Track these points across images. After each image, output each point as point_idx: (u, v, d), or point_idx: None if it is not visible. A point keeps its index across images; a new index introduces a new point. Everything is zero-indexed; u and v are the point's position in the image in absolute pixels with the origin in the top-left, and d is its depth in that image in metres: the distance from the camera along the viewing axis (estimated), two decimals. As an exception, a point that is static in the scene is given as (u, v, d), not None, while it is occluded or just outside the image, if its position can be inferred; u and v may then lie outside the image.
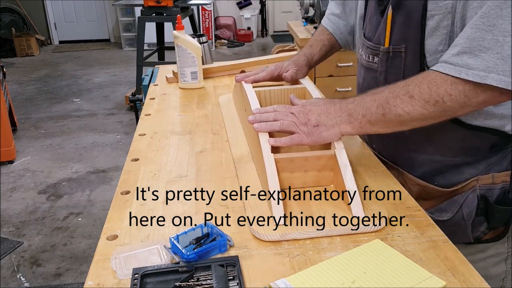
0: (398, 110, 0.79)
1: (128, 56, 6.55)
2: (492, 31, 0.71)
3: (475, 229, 0.95)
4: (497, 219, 0.92)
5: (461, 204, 0.94)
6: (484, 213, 0.92)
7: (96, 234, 2.53)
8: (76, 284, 2.19)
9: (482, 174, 0.92)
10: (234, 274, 0.68)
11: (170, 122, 1.27)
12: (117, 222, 0.82)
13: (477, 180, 0.92)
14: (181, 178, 0.96)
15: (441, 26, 0.83)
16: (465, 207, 0.93)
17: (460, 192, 0.94)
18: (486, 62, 0.71)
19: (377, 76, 0.98)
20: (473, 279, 0.67)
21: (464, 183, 0.93)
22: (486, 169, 0.92)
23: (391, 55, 0.93)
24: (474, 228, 0.94)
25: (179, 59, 1.52)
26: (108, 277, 0.69)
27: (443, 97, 0.76)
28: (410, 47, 0.89)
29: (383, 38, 0.94)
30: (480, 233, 0.95)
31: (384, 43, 0.94)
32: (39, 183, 3.14)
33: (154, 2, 3.94)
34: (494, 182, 0.92)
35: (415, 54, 0.88)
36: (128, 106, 4.45)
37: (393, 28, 0.92)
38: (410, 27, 0.87)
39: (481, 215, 0.93)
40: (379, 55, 0.96)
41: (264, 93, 1.09)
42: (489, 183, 0.92)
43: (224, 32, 7.17)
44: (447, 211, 0.95)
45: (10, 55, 6.57)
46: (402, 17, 0.89)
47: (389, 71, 0.95)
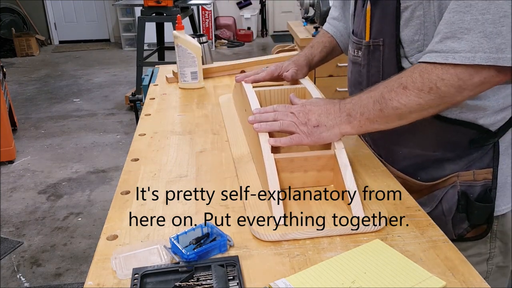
0: (394, 103, 0.79)
1: (128, 56, 6.56)
2: (470, 12, 0.71)
3: (456, 226, 0.95)
4: (477, 216, 0.92)
5: (440, 199, 0.94)
6: (465, 210, 0.93)
7: (96, 234, 2.53)
8: (76, 284, 2.19)
9: (463, 170, 0.92)
10: (234, 274, 0.68)
11: (170, 122, 1.27)
12: (117, 222, 0.82)
13: (458, 176, 0.92)
14: (181, 178, 0.96)
15: (415, 16, 0.84)
16: (445, 202, 0.94)
17: (440, 187, 0.95)
18: (470, 43, 0.71)
19: (361, 69, 1.00)
20: (473, 279, 0.66)
21: (444, 178, 0.94)
22: (467, 166, 0.92)
23: (371, 49, 0.95)
24: (456, 225, 0.95)
25: (179, 59, 1.52)
26: (108, 277, 0.69)
27: (436, 83, 0.75)
28: (387, 40, 0.91)
29: (364, 32, 0.97)
30: (462, 230, 0.95)
31: (365, 37, 0.97)
32: (39, 183, 3.14)
33: (154, 2, 3.94)
34: (475, 179, 0.92)
35: (391, 45, 0.90)
36: (128, 106, 4.45)
37: (372, 23, 0.94)
38: (386, 21, 0.89)
39: (462, 212, 0.93)
40: (362, 49, 0.98)
41: (264, 93, 1.09)
42: (470, 179, 0.92)
43: (224, 32, 7.17)
44: (427, 205, 0.95)
45: (10, 55, 6.57)
46: (379, 11, 0.91)
47: (370, 64, 0.97)
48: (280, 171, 0.85)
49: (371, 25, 0.95)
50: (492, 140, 0.91)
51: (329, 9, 3.24)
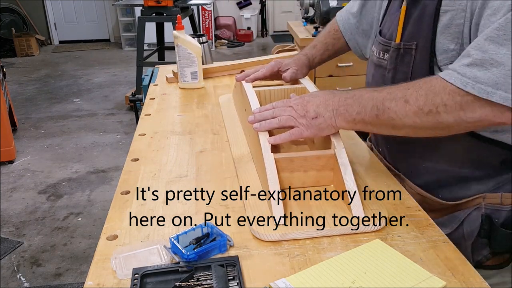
0: (391, 113, 0.77)
1: (128, 56, 6.55)
2: (507, 45, 0.67)
3: (476, 252, 0.89)
4: (500, 243, 0.86)
5: (462, 221, 0.88)
6: (487, 235, 0.86)
7: (96, 234, 2.53)
8: (76, 284, 2.19)
9: (490, 192, 0.86)
10: (234, 274, 0.68)
11: (170, 122, 1.27)
12: (117, 222, 0.82)
13: (484, 197, 0.86)
14: (181, 178, 0.96)
15: (454, 24, 0.79)
16: (467, 224, 0.88)
17: (463, 208, 0.89)
18: (495, 77, 0.68)
19: (386, 73, 0.95)
20: (473, 279, 0.66)
21: (468, 199, 0.88)
22: (495, 187, 0.87)
23: (401, 52, 0.90)
24: (475, 250, 0.88)
25: (179, 59, 1.52)
26: (108, 277, 0.69)
27: (437, 107, 0.72)
28: (421, 44, 0.86)
29: (395, 34, 0.91)
30: (482, 257, 0.89)
31: (396, 39, 0.91)
32: (39, 183, 3.14)
33: (154, 2, 3.94)
34: (502, 203, 0.85)
35: (425, 51, 0.85)
36: (128, 106, 4.45)
37: (406, 24, 0.89)
38: (423, 23, 0.84)
39: (484, 237, 0.86)
40: (389, 51, 0.93)
41: (264, 92, 1.09)
42: (496, 202, 0.86)
43: (224, 32, 7.17)
44: (446, 226, 0.89)
45: (10, 55, 6.57)
46: (416, 13, 0.87)
47: (397, 68, 0.91)
48: (280, 171, 0.85)
49: (404, 26, 0.90)
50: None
51: (329, 9, 3.25)
